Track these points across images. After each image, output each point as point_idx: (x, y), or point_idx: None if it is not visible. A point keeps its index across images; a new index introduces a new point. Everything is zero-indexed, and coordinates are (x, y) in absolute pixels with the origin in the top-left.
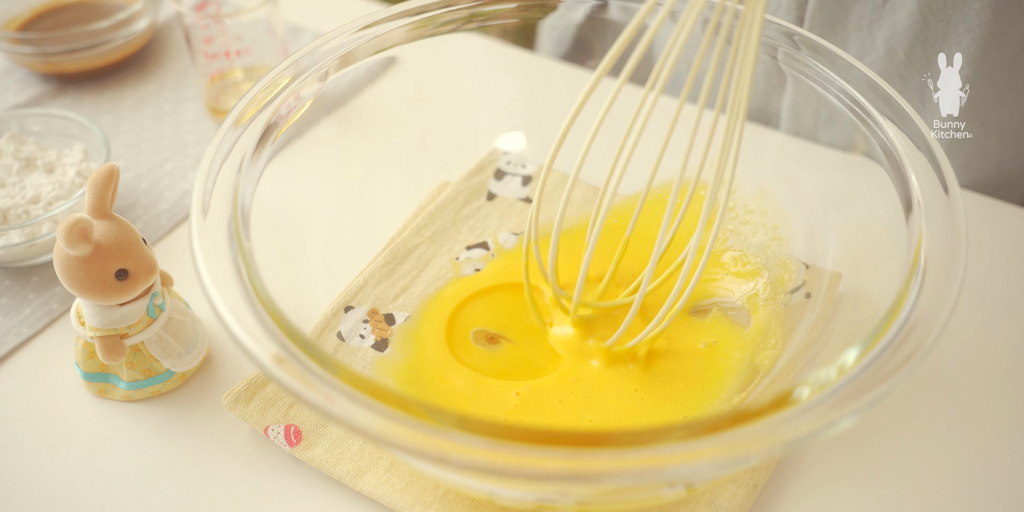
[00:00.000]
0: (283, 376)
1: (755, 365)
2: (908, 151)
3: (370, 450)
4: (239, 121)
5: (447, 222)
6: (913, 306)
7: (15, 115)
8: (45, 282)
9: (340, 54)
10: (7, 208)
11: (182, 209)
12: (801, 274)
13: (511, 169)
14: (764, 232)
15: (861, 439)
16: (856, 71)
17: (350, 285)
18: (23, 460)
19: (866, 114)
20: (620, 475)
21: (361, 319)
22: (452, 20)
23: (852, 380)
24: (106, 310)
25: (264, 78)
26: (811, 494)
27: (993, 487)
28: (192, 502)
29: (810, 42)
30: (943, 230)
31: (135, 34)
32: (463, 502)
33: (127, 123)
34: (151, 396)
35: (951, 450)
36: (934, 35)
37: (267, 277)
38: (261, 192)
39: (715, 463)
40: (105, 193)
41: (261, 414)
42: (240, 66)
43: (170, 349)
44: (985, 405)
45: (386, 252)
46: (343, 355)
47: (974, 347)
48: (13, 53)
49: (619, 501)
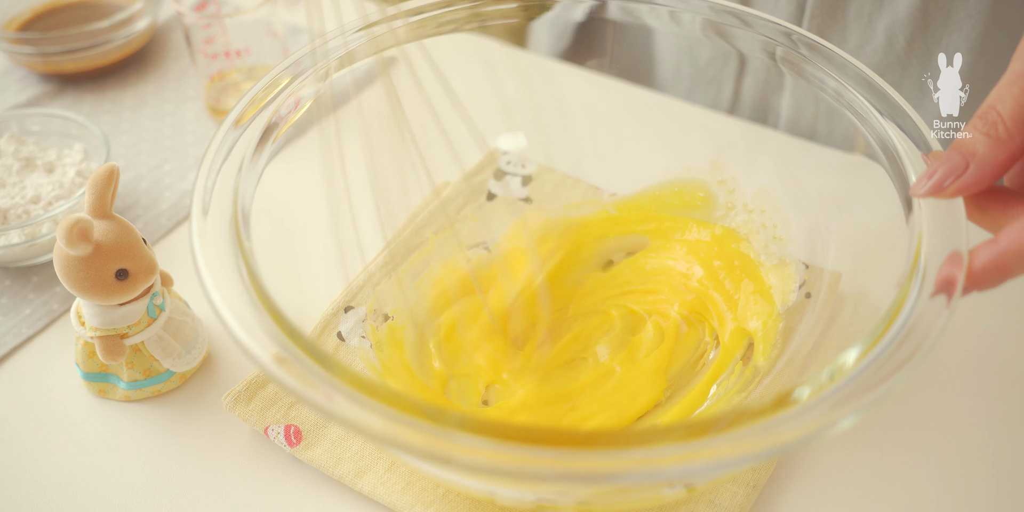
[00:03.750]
0: (283, 376)
1: (755, 365)
2: (908, 151)
3: (370, 450)
4: (239, 121)
5: (447, 222)
6: (913, 306)
7: (15, 115)
8: (45, 282)
9: (340, 54)
10: (7, 208)
11: (182, 209)
12: (801, 274)
13: (511, 169)
14: (764, 232)
15: (861, 439)
16: (855, 70)
17: (350, 285)
18: (23, 460)
19: (866, 113)
20: (620, 475)
21: (361, 319)
22: (452, 20)
23: (852, 380)
24: (106, 310)
25: (264, 78)
26: (811, 494)
27: (993, 487)
28: (192, 502)
29: (809, 41)
30: (943, 230)
31: (135, 34)
32: (463, 502)
33: (127, 123)
34: (151, 396)
35: (951, 450)
36: (934, 23)
37: (267, 277)
38: (261, 192)
39: (715, 463)
40: (105, 193)
41: (261, 414)
42: (240, 66)
43: (170, 349)
44: (985, 405)
45: (386, 252)
46: (343, 355)
47: (974, 347)
48: (13, 53)
49: (619, 501)
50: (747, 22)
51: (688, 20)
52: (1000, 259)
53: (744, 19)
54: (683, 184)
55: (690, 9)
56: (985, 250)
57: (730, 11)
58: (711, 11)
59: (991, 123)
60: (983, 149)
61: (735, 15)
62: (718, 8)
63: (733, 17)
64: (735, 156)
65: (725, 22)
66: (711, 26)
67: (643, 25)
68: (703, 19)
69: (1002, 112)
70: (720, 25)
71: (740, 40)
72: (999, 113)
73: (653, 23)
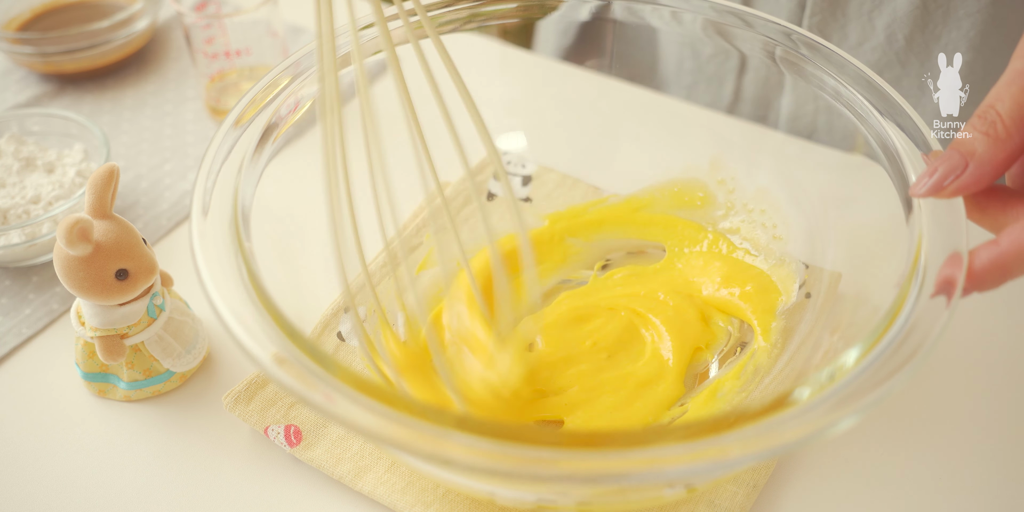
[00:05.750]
0: (283, 376)
1: (755, 365)
2: (908, 151)
3: (370, 450)
4: (239, 121)
5: (447, 222)
6: (913, 306)
7: (15, 115)
8: (45, 282)
9: (340, 54)
10: (7, 208)
11: (182, 209)
12: (801, 274)
13: (511, 169)
14: (764, 232)
15: (861, 439)
16: (855, 70)
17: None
18: (23, 460)
19: (866, 113)
20: (620, 475)
21: (361, 319)
22: (452, 20)
23: (852, 380)
24: (106, 310)
25: (264, 78)
26: (811, 494)
27: (993, 487)
28: (192, 502)
29: (808, 41)
30: (943, 230)
31: (135, 34)
32: (463, 502)
33: (127, 123)
34: (151, 396)
35: (951, 450)
36: (934, 20)
37: (267, 277)
38: (261, 192)
39: (715, 463)
40: (105, 193)
41: (261, 414)
42: (240, 66)
43: (170, 349)
44: (985, 405)
45: (386, 252)
46: (343, 355)
47: (974, 347)
48: (13, 53)
49: (619, 501)
50: (748, 22)
51: (689, 20)
52: (1000, 260)
53: (745, 19)
54: (683, 184)
55: (691, 9)
56: (985, 251)
57: (731, 11)
58: (712, 11)
59: (990, 122)
60: (982, 148)
61: (736, 15)
62: (719, 8)
63: (734, 17)
64: (735, 156)
65: (726, 22)
66: (712, 26)
67: (645, 25)
68: (704, 19)
69: (1001, 111)
70: (721, 25)
71: (741, 40)
72: (998, 112)
73: (655, 23)
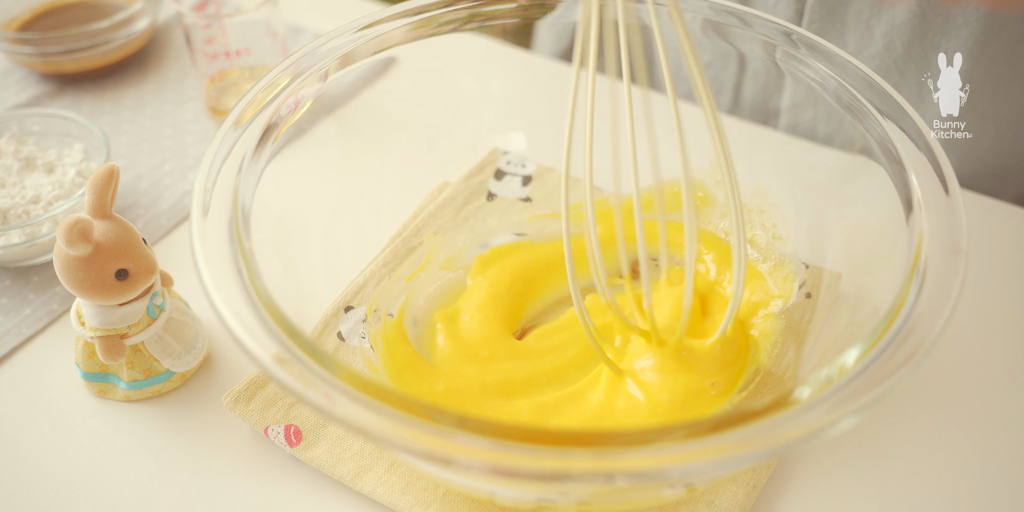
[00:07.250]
0: (283, 376)
1: (755, 365)
2: (908, 150)
3: (370, 450)
4: (239, 121)
5: (447, 222)
6: (913, 306)
7: (15, 115)
8: (45, 282)
9: (340, 54)
10: (7, 208)
11: (182, 209)
12: (801, 274)
13: (511, 169)
14: (764, 231)
15: (861, 439)
16: (855, 70)
17: (350, 285)
18: (23, 460)
19: (865, 113)
20: (620, 475)
21: (361, 319)
22: (452, 20)
23: (852, 380)
24: (106, 310)
25: (264, 78)
26: (811, 494)
27: (993, 487)
28: (192, 502)
29: (808, 41)
30: (943, 230)
31: (135, 34)
32: (463, 502)
33: (127, 123)
34: (151, 396)
35: (951, 450)
36: (932, 29)
37: (267, 277)
38: (261, 192)
39: (715, 463)
40: (105, 193)
41: (261, 414)
42: (240, 66)
43: (170, 349)
44: (985, 405)
45: (386, 252)
46: (343, 355)
47: (974, 347)
48: (13, 53)
49: (619, 501)
50: (747, 22)
51: (688, 20)
52: None
53: (744, 19)
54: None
55: (690, 9)
56: None
57: (730, 11)
58: (711, 11)
59: None
60: None
61: (735, 15)
62: (718, 8)
63: (733, 17)
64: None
65: (725, 22)
66: (711, 26)
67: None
68: (703, 19)
69: None
70: (720, 25)
71: (740, 40)
72: None
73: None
